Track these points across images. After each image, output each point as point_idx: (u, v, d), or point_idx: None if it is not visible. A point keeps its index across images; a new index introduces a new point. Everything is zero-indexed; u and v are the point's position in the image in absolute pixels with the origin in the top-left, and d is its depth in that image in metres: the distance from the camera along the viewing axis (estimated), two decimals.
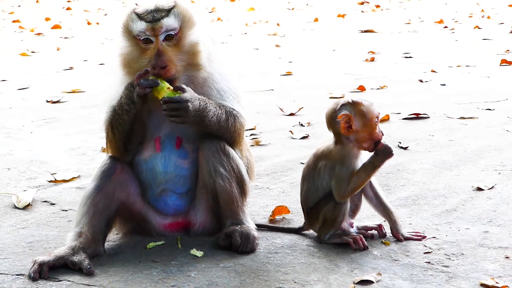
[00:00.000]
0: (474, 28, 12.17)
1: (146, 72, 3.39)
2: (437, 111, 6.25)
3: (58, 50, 11.12)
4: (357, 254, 3.42)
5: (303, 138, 5.59)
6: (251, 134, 5.69)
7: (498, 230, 3.66)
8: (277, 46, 10.78)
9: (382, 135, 3.49)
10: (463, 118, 5.99)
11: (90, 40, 12.21)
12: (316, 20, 13.99)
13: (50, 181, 4.66)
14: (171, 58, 3.43)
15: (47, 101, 7.25)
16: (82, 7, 18.69)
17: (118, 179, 3.55)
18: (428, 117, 6.07)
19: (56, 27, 14.09)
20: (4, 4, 19.81)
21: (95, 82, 8.07)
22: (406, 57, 9.41)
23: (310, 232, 3.67)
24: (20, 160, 5.18)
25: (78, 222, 3.48)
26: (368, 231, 3.62)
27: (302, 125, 5.98)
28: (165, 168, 3.55)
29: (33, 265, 3.26)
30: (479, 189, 4.25)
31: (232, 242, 3.46)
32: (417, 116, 6.08)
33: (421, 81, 7.73)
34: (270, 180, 4.58)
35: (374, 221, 3.69)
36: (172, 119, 3.41)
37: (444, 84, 7.48)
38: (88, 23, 14.84)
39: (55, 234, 3.77)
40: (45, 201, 4.30)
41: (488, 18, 13.63)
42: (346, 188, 3.44)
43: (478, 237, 3.58)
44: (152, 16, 3.44)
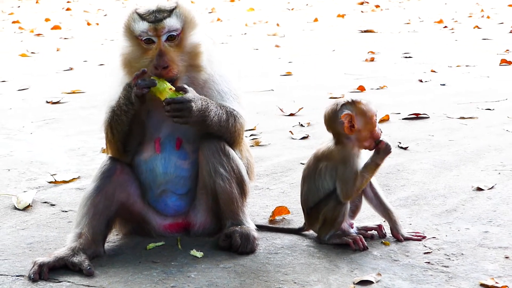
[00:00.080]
0: (474, 28, 12.17)
1: (144, 72, 3.39)
2: (437, 111, 6.25)
3: (58, 50, 11.11)
4: (357, 255, 3.42)
5: (303, 138, 5.58)
6: (251, 135, 5.69)
7: (498, 230, 3.66)
8: (277, 46, 10.78)
9: (381, 133, 3.50)
10: (463, 118, 5.99)
11: (90, 40, 12.21)
12: (316, 20, 13.99)
13: (50, 182, 4.66)
14: (173, 58, 3.43)
15: (47, 101, 7.25)
16: (82, 7, 18.68)
17: (118, 180, 3.55)
18: (428, 117, 6.07)
19: (56, 27, 14.09)
20: (4, 4, 19.81)
21: (95, 82, 8.07)
22: (406, 57, 9.40)
23: (310, 232, 3.67)
24: (20, 161, 5.18)
25: (78, 223, 3.48)
26: (368, 232, 3.62)
27: (302, 125, 5.98)
28: (165, 169, 3.55)
29: (33, 266, 3.26)
30: (479, 189, 4.25)
31: (232, 243, 3.46)
32: (417, 116, 6.08)
33: (421, 81, 7.72)
34: (270, 180, 4.58)
35: (374, 221, 3.69)
36: (175, 119, 3.40)
37: (444, 84, 7.48)
38: (88, 24, 14.83)
39: (55, 235, 3.77)
40: (45, 202, 4.30)
41: (488, 18, 13.63)
42: (352, 188, 3.44)
43: (478, 237, 3.58)
44: (154, 17, 3.43)
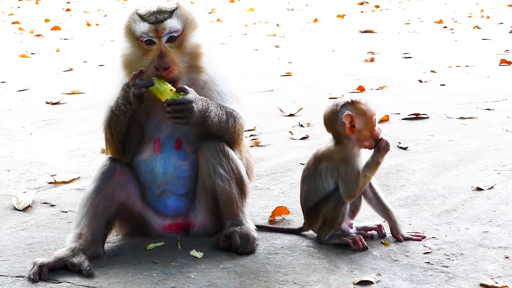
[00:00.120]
0: (474, 28, 12.17)
1: (142, 72, 3.39)
2: (436, 111, 6.25)
3: (57, 51, 11.11)
4: (356, 255, 3.42)
5: (303, 138, 5.58)
6: (251, 135, 5.69)
7: (497, 230, 3.66)
8: (276, 46, 10.78)
9: (380, 132, 3.50)
10: (462, 118, 5.99)
11: (90, 41, 12.20)
12: (315, 20, 13.98)
13: (50, 182, 4.66)
14: (173, 59, 3.43)
15: (46, 102, 7.25)
16: (81, 8, 18.67)
17: (118, 180, 3.55)
18: (428, 117, 6.07)
19: (55, 28, 14.08)
20: (3, 5, 19.81)
21: (95, 83, 8.07)
22: (406, 57, 9.40)
23: (310, 232, 3.67)
24: (20, 161, 5.18)
25: (78, 223, 3.48)
26: (368, 232, 3.62)
27: (301, 125, 5.98)
28: (164, 169, 3.55)
29: (33, 266, 3.26)
30: (479, 189, 4.25)
31: (232, 243, 3.46)
32: (416, 116, 6.08)
33: (420, 81, 7.72)
34: (270, 180, 4.58)
35: (374, 221, 3.69)
36: (176, 120, 3.40)
37: (443, 84, 7.48)
38: (88, 24, 14.83)
39: (55, 236, 3.77)
40: (45, 202, 4.30)
41: (488, 18, 13.63)
42: (355, 187, 3.45)
43: (478, 237, 3.58)
44: (155, 18, 3.44)
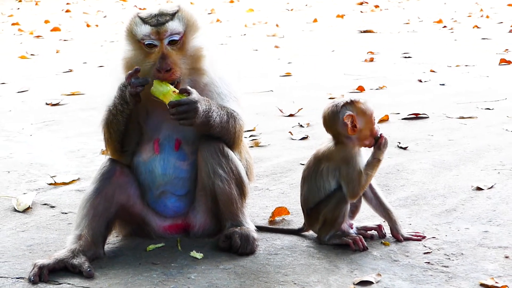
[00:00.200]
0: (473, 27, 12.16)
1: (137, 70, 3.39)
2: (436, 111, 6.25)
3: (57, 52, 11.11)
4: (356, 255, 3.42)
5: (303, 139, 5.58)
6: (251, 135, 5.69)
7: (497, 229, 3.66)
8: (276, 47, 10.78)
9: (379, 130, 3.51)
10: (462, 117, 5.99)
11: (90, 42, 12.20)
12: (315, 20, 13.98)
13: (50, 184, 4.66)
14: (175, 61, 3.43)
15: (46, 103, 7.25)
16: (81, 9, 18.67)
17: (118, 181, 3.55)
18: (428, 117, 6.07)
19: (55, 29, 14.09)
20: (3, 6, 19.81)
21: (95, 84, 8.07)
22: (405, 57, 9.40)
23: (310, 233, 3.67)
24: (20, 163, 5.18)
25: (78, 224, 3.48)
26: (368, 232, 3.62)
27: (301, 126, 5.98)
28: (164, 170, 3.55)
29: (33, 268, 3.26)
30: (479, 188, 4.25)
31: (232, 244, 3.46)
32: (416, 116, 6.08)
33: (420, 81, 7.72)
34: (270, 181, 4.58)
35: (374, 221, 3.69)
36: (181, 122, 3.39)
37: (443, 84, 7.48)
38: (88, 26, 14.83)
39: (55, 237, 3.77)
40: (45, 204, 4.30)
41: (487, 17, 13.62)
42: (358, 186, 3.45)
43: (478, 237, 3.58)
44: (156, 20, 3.44)
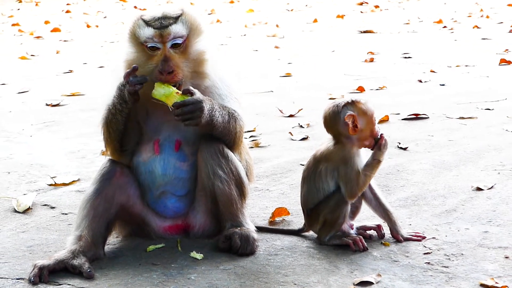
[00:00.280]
0: (473, 27, 12.16)
1: (135, 69, 3.40)
2: (436, 111, 6.25)
3: (57, 53, 11.11)
4: (357, 256, 3.42)
5: (303, 139, 5.58)
6: (251, 136, 5.69)
7: (497, 230, 3.66)
8: (276, 47, 10.78)
9: (379, 130, 3.51)
10: (462, 118, 5.99)
11: (90, 43, 12.20)
12: (315, 21, 13.98)
13: (50, 184, 4.66)
14: (177, 64, 3.43)
15: (46, 104, 7.26)
16: (81, 10, 18.67)
17: (118, 182, 3.55)
18: (428, 117, 6.07)
19: (55, 30, 14.08)
20: (3, 7, 19.81)
21: (95, 85, 8.07)
22: (405, 57, 9.40)
23: (310, 233, 3.67)
24: (20, 163, 5.18)
25: (78, 225, 3.49)
26: (367, 231, 3.62)
27: (301, 126, 5.98)
28: (164, 170, 3.56)
29: (33, 269, 3.26)
30: (479, 189, 4.25)
31: (232, 244, 3.46)
32: (416, 117, 6.07)
33: (420, 81, 7.72)
34: (270, 181, 4.58)
35: (374, 222, 3.69)
36: (187, 122, 3.38)
37: (443, 84, 7.48)
38: (88, 26, 14.83)
39: (55, 238, 3.77)
40: (45, 204, 4.30)
41: (487, 17, 13.62)
42: (356, 187, 3.45)
43: (478, 237, 3.58)
44: (160, 23, 3.45)
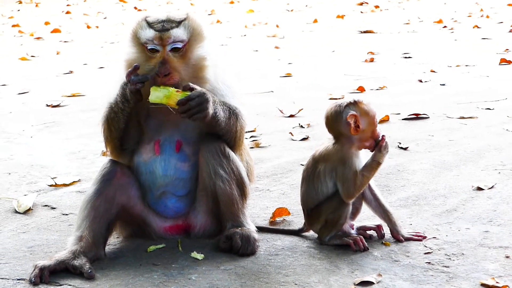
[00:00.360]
0: (473, 27, 12.17)
1: (136, 68, 3.40)
2: (436, 111, 6.25)
3: (57, 54, 11.11)
4: (357, 255, 3.42)
5: (303, 139, 5.59)
6: (251, 136, 5.69)
7: (498, 229, 3.66)
8: (276, 47, 10.78)
9: (380, 132, 3.51)
10: (462, 118, 5.99)
11: (90, 43, 12.21)
12: (315, 21, 13.98)
13: (51, 185, 4.66)
14: (175, 67, 3.43)
15: (47, 105, 7.26)
16: (81, 11, 18.67)
17: (119, 182, 3.55)
18: (428, 117, 6.07)
19: (55, 31, 14.09)
20: (3, 8, 19.81)
21: (95, 85, 8.07)
22: (406, 57, 9.40)
23: (311, 233, 3.67)
24: (21, 164, 5.18)
25: (79, 226, 3.49)
26: (367, 231, 3.62)
27: (302, 126, 5.98)
28: (165, 171, 3.56)
29: (34, 269, 3.26)
30: (479, 188, 4.25)
31: (232, 245, 3.46)
32: (416, 116, 6.08)
33: (420, 81, 7.72)
34: (270, 182, 4.58)
35: (374, 222, 3.69)
36: (195, 116, 3.37)
37: (443, 84, 7.48)
38: (88, 27, 14.83)
39: (55, 238, 3.77)
40: (45, 205, 4.30)
41: (487, 17, 13.63)
42: (353, 187, 3.45)
43: (479, 237, 3.58)
44: (162, 26, 3.45)
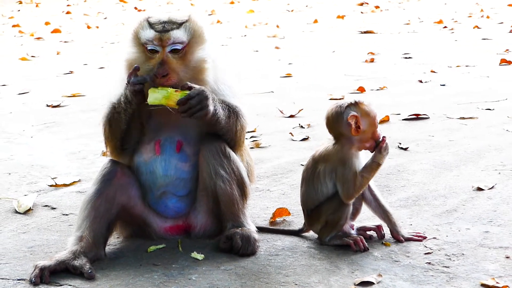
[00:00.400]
0: (474, 28, 12.17)
1: (136, 69, 3.41)
2: (437, 111, 6.25)
3: (58, 54, 11.11)
4: (357, 256, 3.42)
5: (303, 140, 5.59)
6: (251, 137, 5.69)
7: (498, 230, 3.66)
8: (276, 48, 10.78)
9: (381, 133, 3.51)
10: (463, 118, 5.99)
11: (90, 44, 12.21)
12: (315, 21, 13.98)
13: (51, 185, 4.66)
14: (174, 68, 3.43)
15: (47, 105, 7.26)
16: (81, 11, 18.68)
17: (119, 182, 3.55)
18: (428, 117, 6.07)
19: (56, 31, 14.09)
20: (3, 8, 19.81)
21: (95, 86, 8.07)
22: (406, 57, 9.40)
23: (311, 234, 3.67)
24: (21, 164, 5.19)
25: (79, 226, 3.49)
26: (367, 232, 3.62)
27: (302, 126, 5.98)
28: (165, 171, 3.56)
29: (34, 269, 3.26)
30: (479, 189, 4.25)
31: (233, 245, 3.46)
32: (417, 117, 6.08)
33: (420, 81, 7.72)
34: (271, 182, 4.58)
35: (374, 222, 3.69)
36: (196, 114, 3.37)
37: (443, 84, 7.48)
38: (88, 27, 14.83)
39: (56, 239, 3.77)
40: (46, 205, 4.30)
41: (488, 17, 13.63)
42: (353, 188, 3.45)
43: (479, 237, 3.58)
44: (162, 27, 3.45)
